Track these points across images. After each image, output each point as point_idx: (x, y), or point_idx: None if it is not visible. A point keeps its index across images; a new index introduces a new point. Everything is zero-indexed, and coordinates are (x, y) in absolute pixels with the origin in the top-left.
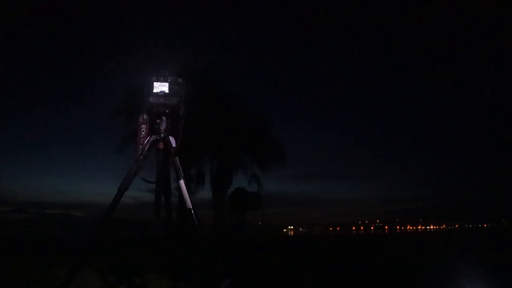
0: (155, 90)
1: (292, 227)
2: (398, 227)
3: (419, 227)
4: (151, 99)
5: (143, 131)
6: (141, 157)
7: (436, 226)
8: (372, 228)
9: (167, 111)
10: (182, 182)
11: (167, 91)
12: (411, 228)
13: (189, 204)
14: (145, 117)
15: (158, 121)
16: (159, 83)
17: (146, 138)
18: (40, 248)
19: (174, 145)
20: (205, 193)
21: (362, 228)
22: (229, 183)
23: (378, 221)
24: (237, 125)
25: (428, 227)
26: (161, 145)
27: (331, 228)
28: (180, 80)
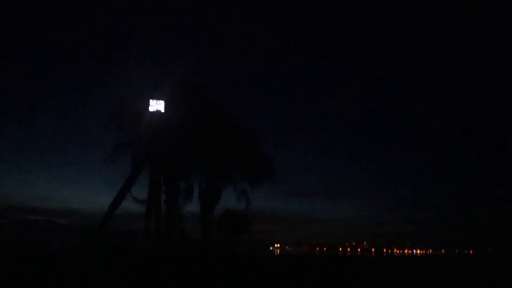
0: (151, 109)
1: (278, 245)
2: (384, 250)
3: (406, 251)
4: (147, 118)
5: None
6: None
7: (423, 251)
8: (359, 250)
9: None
10: None
11: (163, 110)
12: (397, 251)
13: None
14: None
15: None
16: (155, 101)
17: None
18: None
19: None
20: (194, 206)
21: (348, 249)
22: (218, 199)
23: (365, 243)
24: (228, 139)
25: (415, 250)
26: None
27: (318, 248)
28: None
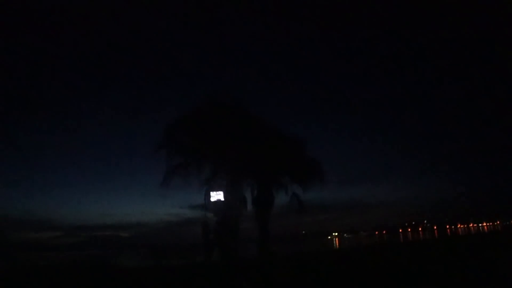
0: (212, 199)
1: (336, 233)
2: (448, 227)
3: (471, 225)
4: (208, 207)
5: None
6: None
7: (490, 223)
8: (420, 229)
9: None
10: None
11: (222, 199)
12: (462, 226)
13: None
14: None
15: None
16: (215, 193)
17: None
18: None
19: None
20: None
21: (409, 230)
22: (271, 205)
23: (425, 222)
24: (273, 147)
25: (480, 224)
26: None
27: (377, 232)
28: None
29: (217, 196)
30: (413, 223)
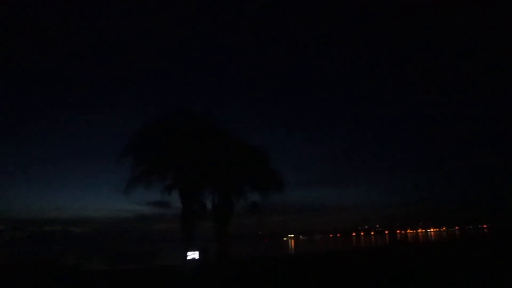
0: (188, 258)
1: (292, 235)
2: (398, 231)
3: (420, 230)
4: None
5: None
6: None
7: (436, 229)
8: (372, 233)
9: None
10: None
11: (197, 257)
12: (411, 231)
13: None
14: None
15: None
16: (191, 252)
17: None
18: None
19: None
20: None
21: (362, 234)
22: (231, 213)
23: (377, 226)
24: (236, 157)
25: (428, 230)
26: None
27: (331, 235)
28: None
29: (192, 255)
30: (366, 227)
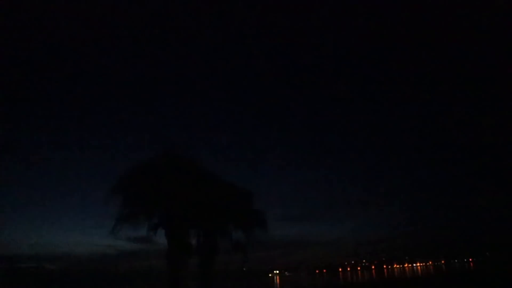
0: None
1: (277, 271)
2: (385, 266)
3: (406, 265)
4: None
5: None
6: None
7: (422, 263)
8: (358, 268)
9: None
10: None
11: None
12: (398, 266)
13: None
14: None
15: None
16: None
17: None
18: None
19: None
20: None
21: (349, 269)
22: (216, 252)
23: (364, 261)
24: (222, 198)
25: (415, 265)
26: None
27: (317, 271)
28: None
29: None
30: (353, 262)
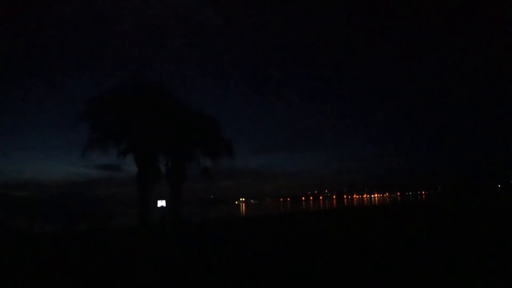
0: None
1: (243, 199)
2: (345, 196)
3: (365, 195)
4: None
5: None
6: None
7: (379, 194)
8: (321, 198)
9: None
10: None
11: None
12: (357, 196)
13: None
14: None
15: None
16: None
17: None
18: None
19: None
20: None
21: (311, 198)
22: (184, 177)
23: (326, 191)
24: (189, 125)
25: (372, 196)
26: None
27: (281, 199)
28: None
29: (160, 203)
30: (316, 192)
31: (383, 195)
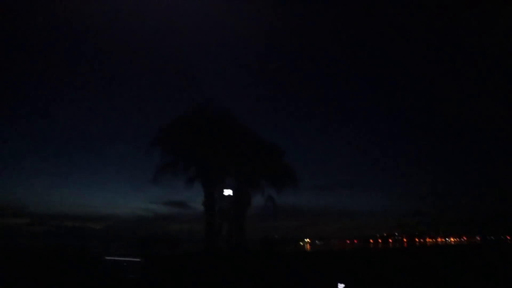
0: (225, 194)
1: (308, 240)
2: (417, 240)
3: (439, 239)
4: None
5: None
6: None
7: (456, 238)
8: (390, 241)
9: None
10: None
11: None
12: (430, 240)
13: None
14: None
15: None
16: (226, 190)
17: None
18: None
19: None
20: None
21: (380, 240)
22: (248, 204)
23: (396, 233)
24: (252, 153)
25: (448, 239)
26: None
27: (348, 241)
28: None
29: (227, 192)
30: (384, 234)
31: (460, 238)
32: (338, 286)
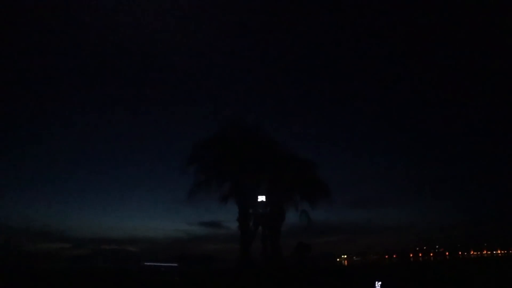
0: (259, 200)
1: (345, 256)
2: (460, 253)
3: (484, 252)
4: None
5: None
6: None
7: (504, 251)
8: (431, 255)
9: None
10: None
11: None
12: (474, 253)
13: None
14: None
15: None
16: (262, 196)
17: None
18: None
19: None
20: None
21: (420, 254)
22: (283, 219)
23: (437, 246)
24: (285, 168)
25: (495, 252)
26: None
27: (387, 256)
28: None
29: (261, 198)
30: (424, 247)
31: (508, 251)
32: (376, 284)
